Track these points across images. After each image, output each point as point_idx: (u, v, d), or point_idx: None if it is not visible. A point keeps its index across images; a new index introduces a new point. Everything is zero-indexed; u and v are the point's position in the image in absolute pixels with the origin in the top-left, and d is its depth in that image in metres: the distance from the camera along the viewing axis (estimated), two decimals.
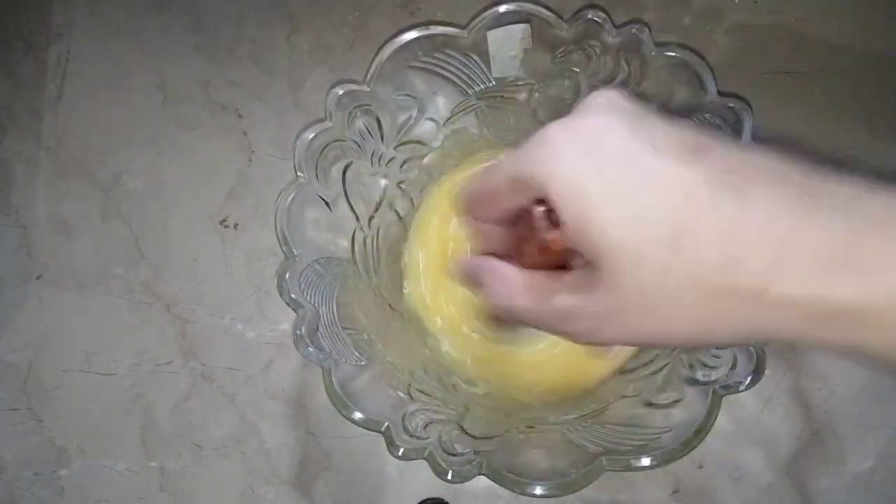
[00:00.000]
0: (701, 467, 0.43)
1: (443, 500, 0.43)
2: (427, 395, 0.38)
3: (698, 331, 0.20)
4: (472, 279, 0.27)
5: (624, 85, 0.38)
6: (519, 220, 0.25)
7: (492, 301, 0.26)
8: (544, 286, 0.24)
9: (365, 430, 0.34)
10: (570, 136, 0.21)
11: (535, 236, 0.24)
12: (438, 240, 0.42)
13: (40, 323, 0.47)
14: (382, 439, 0.34)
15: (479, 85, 0.41)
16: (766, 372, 0.33)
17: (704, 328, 0.20)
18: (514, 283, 0.25)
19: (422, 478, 0.44)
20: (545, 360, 0.41)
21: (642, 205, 0.19)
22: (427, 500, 0.43)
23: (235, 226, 0.48)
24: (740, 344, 0.33)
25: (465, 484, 0.34)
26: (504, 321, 0.35)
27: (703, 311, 0.20)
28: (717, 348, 0.35)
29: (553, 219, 0.22)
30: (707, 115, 0.37)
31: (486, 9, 0.37)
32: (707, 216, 0.19)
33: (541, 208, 0.23)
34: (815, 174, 0.20)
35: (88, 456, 0.46)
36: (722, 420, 0.33)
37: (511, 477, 0.33)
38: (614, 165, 0.20)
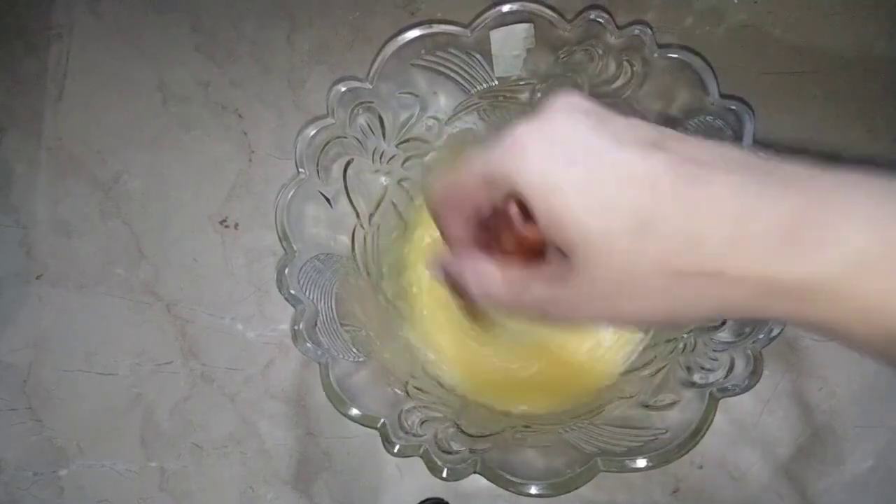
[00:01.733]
0: (701, 468, 0.43)
1: (443, 500, 0.43)
2: (424, 392, 0.38)
3: (667, 310, 0.22)
4: (451, 278, 0.29)
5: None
6: (493, 216, 0.26)
7: (473, 294, 0.27)
8: (522, 279, 0.25)
9: (364, 430, 0.34)
10: (538, 136, 0.22)
11: (511, 230, 0.26)
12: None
13: (40, 323, 0.47)
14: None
15: (481, 84, 0.41)
16: (766, 373, 0.33)
17: (673, 308, 0.22)
18: (492, 279, 0.26)
19: (421, 478, 0.44)
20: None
21: (609, 196, 0.21)
22: (427, 500, 0.43)
23: (235, 226, 0.48)
24: (708, 320, 0.35)
25: (466, 484, 0.34)
26: (482, 315, 0.36)
27: (670, 292, 0.21)
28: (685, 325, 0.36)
29: (527, 213, 0.23)
30: (709, 118, 0.37)
31: (489, 8, 0.37)
32: (670, 204, 0.20)
33: (514, 205, 0.24)
34: (770, 159, 0.21)
35: (88, 456, 0.46)
36: (722, 421, 0.33)
37: (506, 476, 0.33)
38: (582, 161, 0.21)
